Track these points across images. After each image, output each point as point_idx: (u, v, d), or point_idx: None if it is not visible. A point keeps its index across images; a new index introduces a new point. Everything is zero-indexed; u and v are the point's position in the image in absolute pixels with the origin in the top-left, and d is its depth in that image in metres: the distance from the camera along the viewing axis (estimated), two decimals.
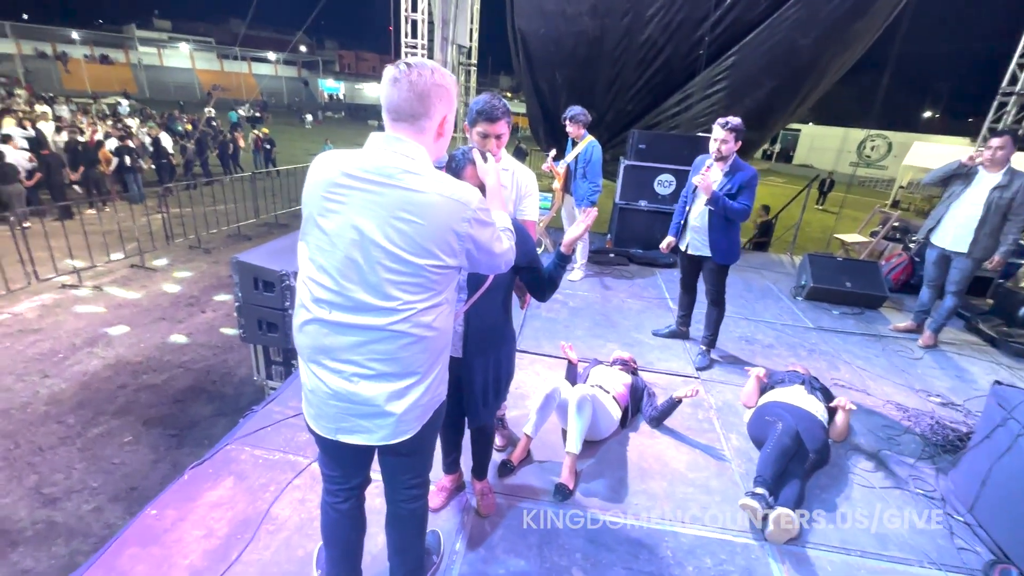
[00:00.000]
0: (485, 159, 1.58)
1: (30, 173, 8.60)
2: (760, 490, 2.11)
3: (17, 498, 3.32)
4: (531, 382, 3.11)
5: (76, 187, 10.22)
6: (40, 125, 10.91)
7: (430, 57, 7.76)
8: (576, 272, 5.01)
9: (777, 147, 31.64)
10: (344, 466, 1.46)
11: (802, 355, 3.82)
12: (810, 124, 30.25)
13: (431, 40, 7.74)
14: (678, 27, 6.50)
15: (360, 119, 36.92)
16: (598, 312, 4.24)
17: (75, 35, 36.44)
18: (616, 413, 2.63)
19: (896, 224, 7.36)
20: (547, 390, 2.40)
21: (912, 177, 16.42)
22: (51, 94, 23.52)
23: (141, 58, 37.85)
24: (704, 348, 3.53)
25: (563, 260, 1.74)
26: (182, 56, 40.74)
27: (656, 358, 3.55)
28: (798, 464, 2.33)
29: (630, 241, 5.88)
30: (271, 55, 43.03)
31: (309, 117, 32.51)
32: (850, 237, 8.20)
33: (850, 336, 4.22)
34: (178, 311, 6.12)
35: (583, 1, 6.62)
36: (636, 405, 2.84)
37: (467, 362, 1.73)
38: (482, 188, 1.54)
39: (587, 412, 2.31)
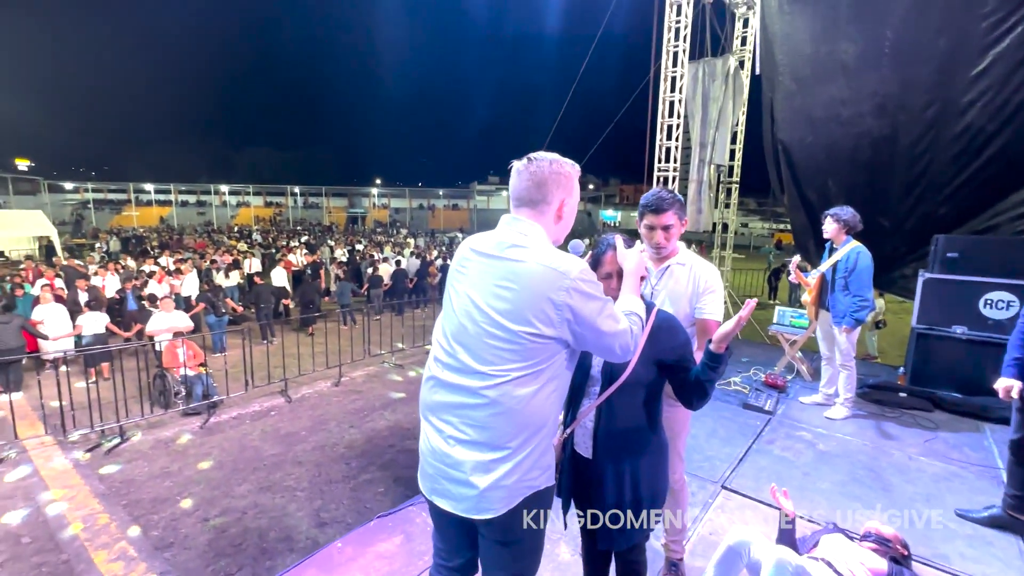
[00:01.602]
0: (630, 246, 1.53)
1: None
2: None
3: (305, 515, 4.34)
4: (734, 531, 2.46)
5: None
6: (404, 252, 15.61)
7: (684, 178, 7.99)
8: (838, 409, 3.89)
9: None
10: (448, 539, 1.45)
11: None
12: None
13: (686, 163, 8.01)
14: (1019, 108, 5.04)
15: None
16: (862, 465, 3.13)
17: (440, 192, 52.88)
18: None
19: None
20: (732, 540, 1.86)
21: None
22: (418, 231, 34.70)
23: (476, 204, 52.61)
24: None
25: (713, 360, 1.44)
26: (503, 200, 53.05)
27: (957, 553, 2.34)
28: None
29: (937, 379, 4.29)
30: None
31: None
32: None
33: None
34: None
35: (865, 101, 5.87)
36: None
37: (598, 466, 1.53)
38: (620, 275, 1.48)
39: None
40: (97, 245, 19.56)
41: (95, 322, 6.80)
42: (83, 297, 7.84)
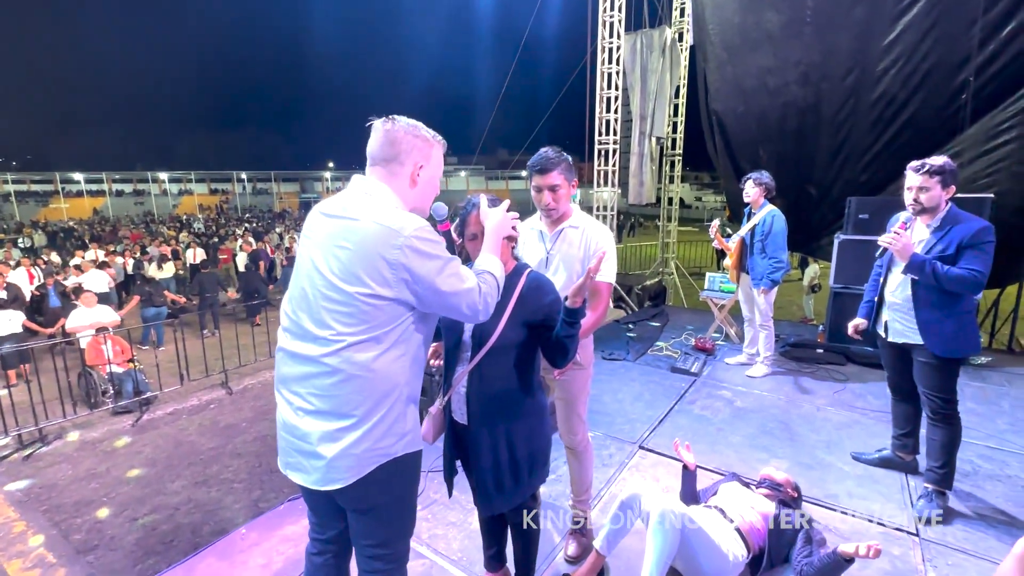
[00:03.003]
0: (495, 205, 1.51)
1: None
2: None
3: (242, 507, 4.23)
4: (628, 486, 2.56)
5: None
6: None
7: (625, 151, 8.04)
8: (758, 367, 4.09)
9: None
10: (317, 512, 1.43)
11: None
12: None
13: (627, 136, 8.06)
14: (926, 76, 5.29)
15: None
16: (774, 418, 3.31)
17: None
18: (737, 552, 1.91)
19: None
20: (624, 495, 1.92)
21: None
22: None
23: None
24: (931, 488, 2.35)
25: (569, 315, 1.46)
26: (460, 180, 52.07)
27: (847, 492, 2.52)
28: None
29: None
30: (523, 173, 52.06)
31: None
32: None
33: None
34: None
35: (790, 70, 6.03)
36: (781, 550, 2.02)
37: (472, 432, 1.54)
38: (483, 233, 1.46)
39: (670, 537, 1.73)
40: (20, 240, 18.16)
41: (10, 321, 6.34)
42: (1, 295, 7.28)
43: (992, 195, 4.18)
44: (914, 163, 2.27)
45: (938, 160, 2.21)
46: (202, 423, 5.50)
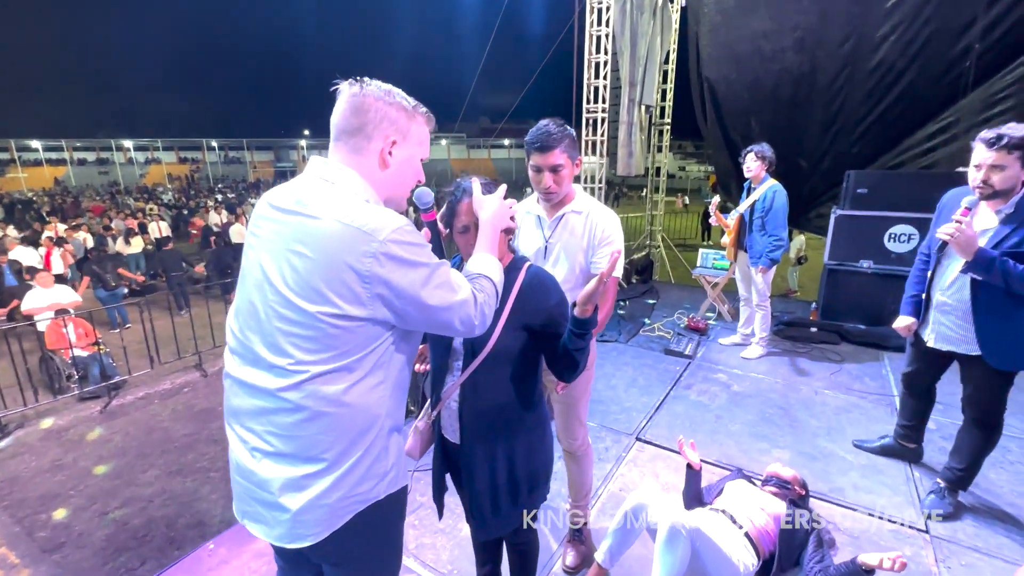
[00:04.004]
0: (490, 191, 1.27)
1: None
2: None
3: (219, 497, 4.04)
4: (633, 495, 2.44)
5: None
6: None
7: (614, 120, 7.72)
8: (754, 348, 3.99)
9: None
10: (284, 558, 1.23)
11: None
12: None
13: (614, 105, 7.73)
14: (926, 43, 5.10)
15: None
16: (773, 403, 3.22)
17: None
18: (748, 560, 1.80)
19: None
20: (628, 505, 1.78)
21: None
22: None
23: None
24: (944, 486, 2.25)
25: (578, 326, 1.25)
26: (441, 149, 50.72)
27: (853, 484, 2.43)
28: None
29: (845, 312, 4.48)
30: (506, 142, 50.76)
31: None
32: None
33: None
34: None
35: (786, 35, 5.78)
36: (791, 554, 1.92)
37: (466, 451, 1.35)
38: (477, 225, 1.25)
39: (680, 552, 1.60)
40: None
41: None
42: None
43: None
44: (986, 134, 1.86)
45: (1018, 131, 1.80)
46: (176, 408, 5.25)
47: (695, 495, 2.15)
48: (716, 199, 4.10)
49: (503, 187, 1.30)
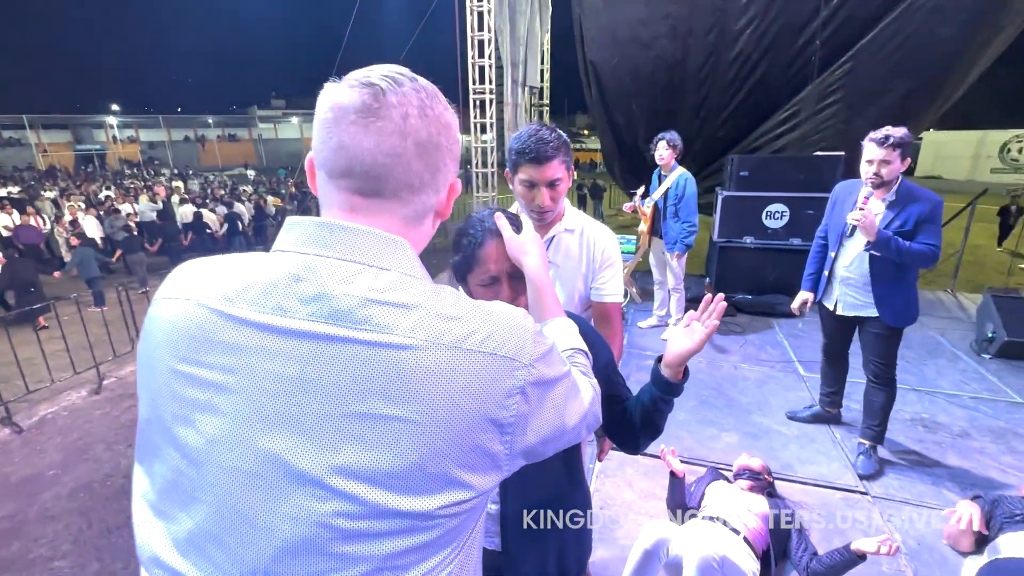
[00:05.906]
0: (518, 228, 0.97)
1: (151, 241, 9.46)
2: None
3: None
4: (622, 498, 2.35)
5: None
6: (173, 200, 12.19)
7: (499, 102, 7.50)
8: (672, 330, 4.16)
9: None
10: None
11: None
12: (931, 131, 26.68)
13: (500, 85, 7.51)
14: (775, 38, 5.69)
15: None
16: (705, 384, 3.37)
17: (210, 120, 43.41)
18: (754, 567, 1.78)
19: None
20: (647, 542, 1.64)
21: None
22: (190, 171, 28.60)
23: (261, 133, 44.27)
24: (868, 445, 2.54)
25: (667, 391, 1.02)
26: (293, 128, 45.88)
27: (796, 458, 2.62)
28: None
29: (735, 285, 4.92)
30: None
31: None
32: None
33: None
34: None
35: (660, 23, 6.05)
36: (779, 547, 1.97)
37: (511, 557, 1.05)
38: (513, 276, 0.93)
39: None
40: None
41: None
42: None
43: (843, 153, 4.68)
44: (875, 134, 2.18)
45: (899, 131, 2.16)
46: None
47: (679, 502, 2.11)
48: (641, 190, 4.13)
49: (530, 223, 0.98)
